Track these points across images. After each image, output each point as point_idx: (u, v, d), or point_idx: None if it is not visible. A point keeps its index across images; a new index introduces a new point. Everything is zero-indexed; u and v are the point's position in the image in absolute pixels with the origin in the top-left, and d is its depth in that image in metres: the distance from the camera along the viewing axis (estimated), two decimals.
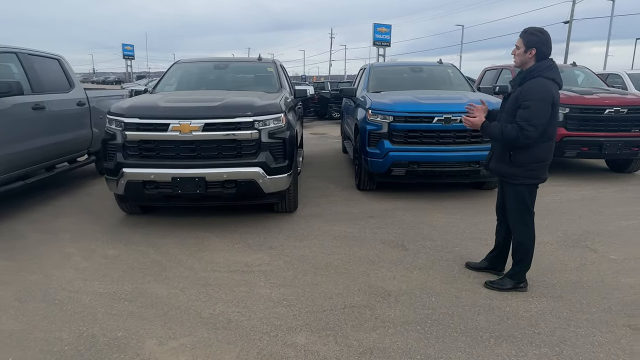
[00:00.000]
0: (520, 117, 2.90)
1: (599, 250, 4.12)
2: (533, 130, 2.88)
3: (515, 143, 2.98)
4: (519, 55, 3.03)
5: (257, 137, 4.45)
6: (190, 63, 6.46)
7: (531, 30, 3.02)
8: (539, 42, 2.96)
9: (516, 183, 3.11)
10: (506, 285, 3.30)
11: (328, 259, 3.89)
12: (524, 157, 3.02)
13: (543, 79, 2.91)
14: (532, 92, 2.88)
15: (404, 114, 5.57)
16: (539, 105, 2.87)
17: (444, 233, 4.57)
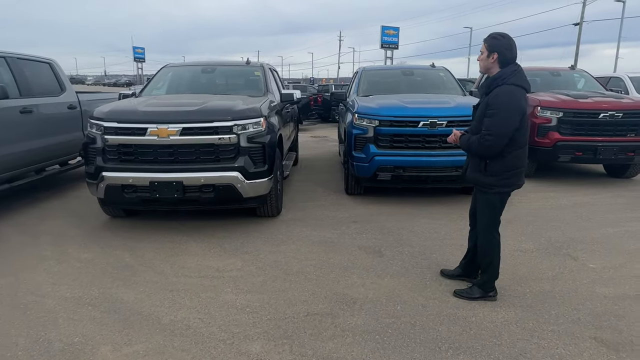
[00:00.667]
0: (485, 125, 2.88)
1: (579, 258, 4.03)
2: (492, 139, 2.83)
3: (482, 154, 2.97)
4: (482, 61, 3.01)
5: (236, 141, 4.44)
6: (178, 67, 6.49)
7: (493, 35, 2.98)
8: (500, 46, 2.92)
9: (491, 192, 3.06)
10: (474, 294, 3.24)
11: (301, 265, 3.86)
12: (498, 166, 2.97)
13: (508, 86, 2.84)
14: (497, 100, 2.83)
15: (390, 118, 5.53)
16: (503, 114, 2.81)
17: (424, 239, 4.51)
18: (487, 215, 3.16)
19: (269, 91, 5.80)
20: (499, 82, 2.88)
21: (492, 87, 2.91)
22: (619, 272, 3.72)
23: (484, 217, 3.17)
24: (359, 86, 7.07)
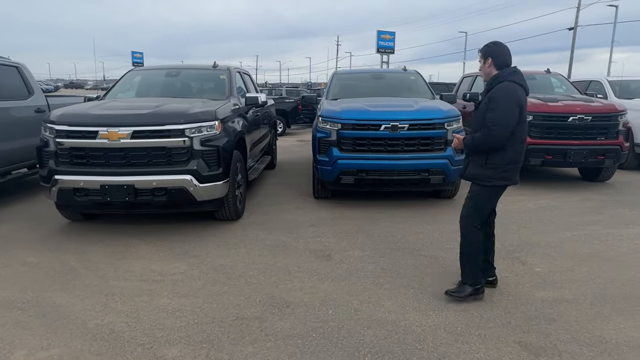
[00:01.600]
0: (488, 119, 2.98)
1: (527, 262, 4.00)
2: (498, 129, 2.93)
3: (486, 146, 3.03)
4: (482, 69, 3.19)
5: (189, 144, 4.43)
6: (144, 71, 6.48)
7: (486, 44, 3.19)
8: (492, 51, 3.11)
9: (489, 185, 3.11)
10: (461, 293, 3.21)
11: (246, 268, 3.83)
12: (499, 159, 3.05)
13: (508, 83, 3.00)
14: (498, 94, 2.98)
15: (352, 121, 5.51)
16: (504, 106, 2.95)
17: (378, 243, 4.48)
18: (474, 205, 3.19)
19: (232, 94, 5.79)
20: (500, 79, 3.02)
21: (492, 84, 3.06)
22: (563, 276, 3.69)
23: (469, 205, 3.21)
24: (330, 90, 7.07)
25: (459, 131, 5.51)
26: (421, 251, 4.26)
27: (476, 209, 3.19)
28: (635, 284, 3.53)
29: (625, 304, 3.20)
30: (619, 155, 6.82)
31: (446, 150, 5.53)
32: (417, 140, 5.48)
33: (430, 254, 4.18)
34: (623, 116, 6.86)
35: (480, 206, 3.18)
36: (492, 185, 3.10)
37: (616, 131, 6.78)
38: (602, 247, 4.39)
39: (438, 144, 5.54)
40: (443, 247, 4.37)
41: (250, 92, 6.93)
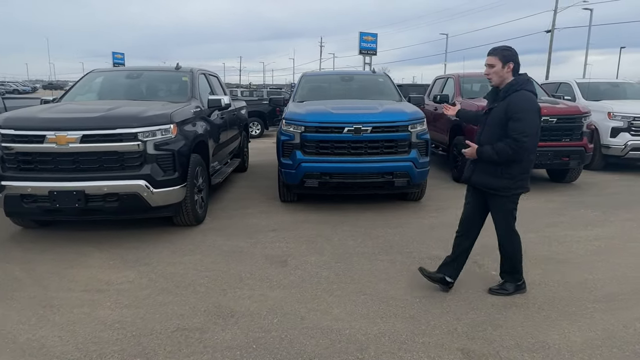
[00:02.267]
0: (514, 130, 2.94)
1: (484, 265, 3.99)
2: (529, 140, 2.94)
3: (514, 158, 3.01)
4: (496, 73, 3.10)
5: (142, 148, 4.31)
6: (105, 72, 6.32)
7: (502, 47, 3.14)
8: (513, 56, 3.08)
9: (509, 195, 3.14)
10: (509, 290, 3.36)
11: (197, 276, 3.73)
12: (515, 170, 3.07)
13: (526, 92, 3.00)
14: (522, 104, 2.96)
15: (315, 124, 5.45)
16: (530, 116, 2.96)
17: (337, 247, 4.42)
18: (506, 220, 3.25)
19: (194, 97, 5.67)
20: (517, 88, 3.01)
21: (509, 92, 3.03)
22: None
23: (504, 221, 3.26)
24: (297, 92, 7.00)
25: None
26: (379, 256, 4.21)
27: (507, 218, 3.26)
28: (586, 287, 3.54)
29: (573, 308, 3.19)
30: (584, 157, 6.90)
31: (410, 152, 5.51)
32: (380, 142, 5.44)
33: (388, 259, 4.13)
34: (587, 118, 6.94)
35: (509, 215, 3.25)
36: (512, 194, 3.15)
37: (580, 133, 6.85)
38: (560, 249, 4.41)
39: (402, 146, 5.51)
40: (402, 250, 4.34)
41: (215, 94, 6.82)
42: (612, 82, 10.19)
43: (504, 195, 3.14)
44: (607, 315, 3.08)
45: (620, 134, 8.27)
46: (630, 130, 8.21)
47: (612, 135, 8.34)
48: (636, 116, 8.19)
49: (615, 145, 8.29)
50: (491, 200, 3.23)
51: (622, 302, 3.28)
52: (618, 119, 8.30)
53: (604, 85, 10.02)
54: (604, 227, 5.10)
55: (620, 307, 3.20)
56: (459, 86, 8.39)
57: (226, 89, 7.80)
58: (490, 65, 3.13)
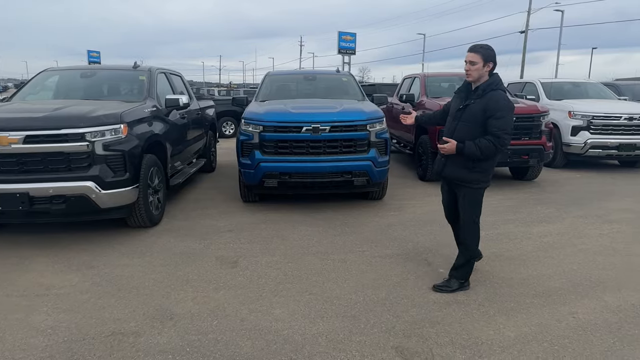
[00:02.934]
0: (497, 128, 3.10)
1: (433, 263, 4.03)
2: (508, 137, 3.13)
3: (495, 154, 3.20)
4: (477, 70, 3.18)
5: (90, 149, 4.21)
6: (59, 71, 6.17)
7: (485, 46, 3.23)
8: (493, 56, 3.20)
9: (478, 187, 3.31)
10: (452, 286, 3.42)
11: (143, 279, 3.67)
12: (486, 164, 3.26)
13: (502, 92, 3.17)
14: (501, 103, 3.12)
15: (273, 123, 5.42)
16: (509, 115, 3.15)
17: (290, 247, 4.41)
18: (473, 210, 3.40)
19: (150, 96, 5.57)
20: (493, 87, 3.16)
21: (486, 91, 3.16)
22: None
23: (470, 212, 3.39)
24: (260, 91, 6.96)
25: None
26: (332, 255, 4.21)
27: (473, 210, 3.41)
28: (529, 282, 3.61)
29: (512, 303, 3.25)
30: (543, 155, 7.05)
31: (369, 152, 5.53)
32: (339, 142, 5.45)
33: (339, 258, 4.14)
34: (545, 117, 7.09)
35: (476, 206, 3.42)
36: (480, 187, 3.33)
37: (539, 131, 6.99)
38: (509, 246, 4.48)
39: (361, 145, 5.52)
40: (355, 250, 4.35)
41: (177, 93, 6.73)
42: (574, 81, 10.44)
43: (476, 188, 3.30)
44: (543, 310, 3.14)
45: (580, 132, 8.48)
46: (589, 129, 8.42)
47: (572, 134, 8.55)
48: (595, 115, 8.41)
49: (576, 144, 8.50)
50: (460, 191, 3.39)
51: (561, 297, 3.35)
52: (578, 118, 8.51)
53: (566, 85, 10.27)
54: (555, 224, 5.22)
55: (558, 302, 3.27)
56: (425, 86, 8.47)
57: (189, 89, 7.69)
58: (472, 62, 3.19)
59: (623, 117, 8.28)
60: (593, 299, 3.32)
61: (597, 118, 8.37)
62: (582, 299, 3.32)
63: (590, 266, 3.94)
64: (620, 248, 4.41)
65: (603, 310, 3.15)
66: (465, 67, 3.24)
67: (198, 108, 7.68)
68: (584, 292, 3.44)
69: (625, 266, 3.95)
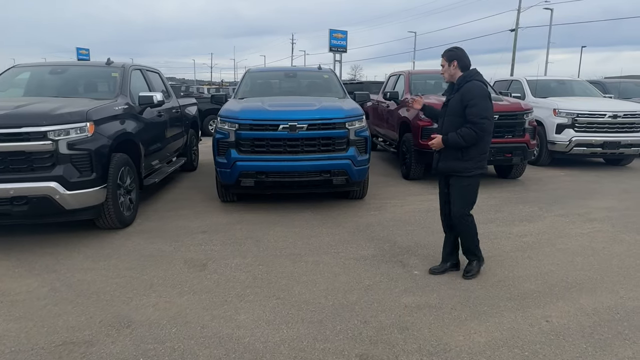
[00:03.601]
0: (473, 115, 3.28)
1: (409, 264, 3.92)
2: (487, 122, 3.31)
3: (476, 140, 3.34)
4: (446, 71, 3.50)
5: (53, 148, 4.05)
6: (29, 67, 5.97)
7: (449, 49, 3.51)
8: (457, 55, 3.45)
9: (470, 175, 3.45)
10: (476, 268, 3.65)
11: (105, 283, 3.52)
12: (474, 151, 3.40)
13: (477, 82, 3.35)
14: (474, 92, 3.30)
15: (249, 121, 5.28)
16: (483, 102, 3.31)
17: (265, 249, 4.28)
18: (464, 198, 3.51)
19: (123, 93, 5.40)
20: (468, 79, 3.37)
21: (461, 84, 3.38)
22: (438, 278, 3.62)
23: (461, 199, 3.51)
24: (239, 89, 6.81)
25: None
26: (305, 257, 4.09)
27: (464, 199, 3.50)
28: (504, 284, 3.51)
29: (485, 307, 3.15)
30: (526, 153, 6.97)
31: (348, 150, 5.41)
32: (317, 140, 5.32)
33: (313, 260, 4.02)
34: (529, 114, 7.02)
35: (469, 196, 3.51)
36: (473, 175, 3.45)
37: (522, 129, 6.92)
38: (488, 246, 4.37)
39: (339, 144, 5.40)
40: (330, 251, 4.23)
41: (154, 91, 6.56)
42: (559, 79, 10.40)
43: (468, 176, 3.44)
44: (516, 314, 3.04)
45: (565, 130, 8.43)
46: (574, 127, 8.37)
47: (557, 132, 8.50)
48: (580, 113, 8.36)
49: (560, 142, 8.45)
50: (452, 181, 3.53)
51: (535, 300, 3.26)
52: (563, 116, 8.46)
53: (552, 82, 10.22)
54: (536, 223, 5.14)
55: (532, 305, 3.18)
56: (409, 83, 8.37)
57: (168, 86, 7.52)
58: (442, 65, 3.54)
59: (607, 115, 8.25)
60: (568, 301, 3.23)
61: (582, 116, 8.32)
62: (557, 301, 3.23)
63: (568, 267, 3.86)
64: (600, 248, 4.33)
65: (577, 313, 3.06)
66: (441, 70, 3.59)
67: (177, 106, 7.51)
68: (559, 294, 3.35)
69: (604, 267, 3.87)
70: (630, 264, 3.93)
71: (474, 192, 3.53)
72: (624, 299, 3.27)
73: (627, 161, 9.12)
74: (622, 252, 4.23)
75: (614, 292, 3.39)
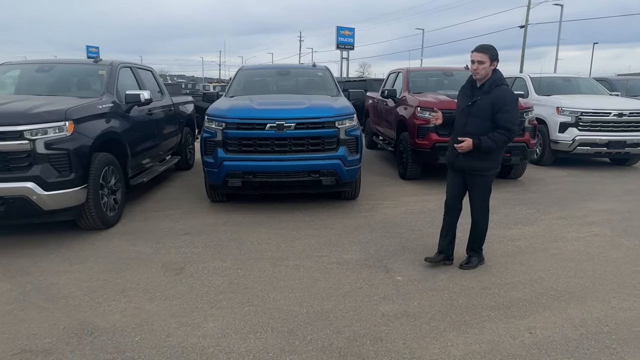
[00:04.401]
0: (506, 120, 3.39)
1: (393, 269, 3.77)
2: (517, 128, 3.52)
3: (505, 145, 3.49)
4: (484, 69, 3.42)
5: (30, 147, 3.97)
6: (17, 65, 5.91)
7: (490, 46, 3.47)
8: (497, 55, 3.47)
9: (489, 174, 3.60)
10: (475, 263, 3.78)
11: (76, 287, 3.42)
12: (496, 153, 3.54)
13: (506, 87, 3.45)
14: (507, 98, 3.39)
15: (236, 120, 5.16)
16: (514, 108, 3.45)
17: (247, 252, 4.16)
18: (485, 195, 3.69)
19: (109, 91, 5.32)
20: (498, 83, 3.43)
21: (492, 87, 3.42)
22: (420, 285, 3.48)
23: (483, 197, 3.69)
24: (231, 87, 6.69)
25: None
26: (287, 261, 3.96)
27: (486, 195, 3.70)
28: (490, 292, 3.35)
29: (467, 317, 3.00)
30: (526, 153, 6.76)
31: (338, 150, 5.26)
32: (306, 140, 5.18)
33: (294, 264, 3.89)
34: (529, 113, 6.80)
35: (489, 191, 3.70)
36: (492, 173, 3.63)
37: (522, 128, 6.69)
38: None
39: (329, 143, 5.26)
40: (313, 255, 4.10)
41: (145, 89, 6.48)
42: (564, 76, 10.13)
43: (487, 175, 3.57)
44: (499, 325, 2.89)
45: (569, 129, 8.18)
46: (577, 126, 8.12)
47: (560, 131, 8.26)
48: (584, 111, 8.10)
49: (563, 141, 8.21)
50: (472, 180, 3.63)
51: (521, 309, 3.10)
52: (566, 114, 8.21)
53: (557, 79, 9.95)
54: (532, 226, 4.95)
55: (517, 315, 3.01)
56: (407, 81, 8.18)
57: (161, 84, 7.43)
58: (480, 61, 3.41)
59: (613, 113, 7.98)
60: (556, 311, 3.06)
61: (586, 114, 8.06)
62: (543, 311, 3.06)
63: (559, 273, 3.68)
64: (596, 253, 4.14)
65: (564, 324, 2.89)
66: (473, 66, 3.46)
67: (171, 104, 7.43)
68: (547, 303, 3.18)
69: (598, 274, 3.69)
70: (626, 271, 3.74)
71: (491, 186, 3.70)
72: (615, 309, 3.09)
73: (633, 161, 8.84)
74: (619, 258, 4.04)
75: (606, 301, 3.21)
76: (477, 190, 3.68)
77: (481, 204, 3.70)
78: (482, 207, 3.71)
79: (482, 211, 3.72)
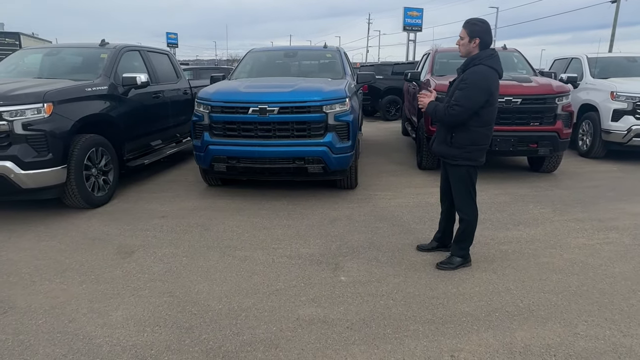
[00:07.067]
0: (455, 98, 3.11)
1: (343, 268, 3.45)
2: (457, 109, 3.06)
3: (441, 121, 3.25)
4: (463, 45, 3.17)
5: (8, 128, 4.16)
6: (31, 50, 6.25)
7: (474, 21, 3.17)
8: (481, 31, 3.12)
9: (455, 164, 3.28)
10: (455, 263, 3.41)
11: (27, 264, 3.53)
12: (462, 140, 3.20)
13: (484, 67, 3.07)
14: (470, 77, 3.08)
15: (220, 103, 5.03)
16: (473, 90, 3.04)
17: (208, 239, 4.05)
18: (462, 187, 3.35)
19: (106, 74, 5.44)
20: (476, 62, 3.09)
21: (469, 65, 3.13)
22: (361, 288, 3.13)
23: (459, 189, 3.37)
24: (237, 69, 6.57)
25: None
26: (239, 251, 3.80)
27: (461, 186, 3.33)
28: (435, 302, 2.93)
29: (390, 330, 2.63)
30: (556, 143, 5.92)
31: (325, 136, 4.96)
32: (290, 124, 4.93)
33: (244, 255, 3.71)
34: (563, 98, 5.92)
35: (465, 183, 3.31)
36: (459, 164, 3.25)
37: (553, 115, 5.87)
38: None
39: (315, 129, 4.96)
40: (269, 246, 3.89)
41: (156, 72, 6.59)
42: (630, 56, 8.75)
43: (456, 165, 3.25)
44: (419, 342, 2.49)
45: (624, 117, 7.08)
46: (635, 114, 6.99)
47: (613, 119, 7.17)
48: None
49: (617, 131, 7.12)
50: (448, 169, 3.41)
51: (459, 326, 2.66)
52: (622, 100, 7.10)
53: (620, 60, 8.65)
54: (535, 228, 4.31)
55: (448, 333, 2.59)
56: (433, 62, 7.54)
57: (178, 68, 7.51)
58: (460, 37, 3.17)
59: None
60: (500, 332, 2.59)
61: None
62: (484, 331, 2.60)
63: (532, 287, 3.13)
64: (595, 265, 3.49)
65: (500, 350, 2.42)
66: (457, 41, 3.24)
67: (187, 87, 7.51)
68: (495, 322, 2.70)
69: (582, 290, 3.09)
70: (621, 290, 3.09)
71: (468, 184, 3.30)
72: (577, 336, 2.54)
73: None
74: (623, 272, 3.36)
75: (572, 325, 2.66)
76: (452, 180, 3.39)
77: (460, 197, 3.37)
78: (461, 200, 3.37)
79: (463, 205, 3.38)
